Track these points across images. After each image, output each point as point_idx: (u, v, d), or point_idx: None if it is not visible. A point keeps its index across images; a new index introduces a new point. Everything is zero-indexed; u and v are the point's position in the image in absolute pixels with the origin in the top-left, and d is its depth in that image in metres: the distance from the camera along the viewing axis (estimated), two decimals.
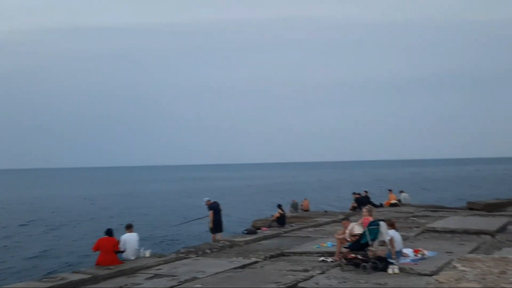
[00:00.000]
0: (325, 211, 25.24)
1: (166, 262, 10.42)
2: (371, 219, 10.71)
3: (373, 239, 8.79)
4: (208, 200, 15.22)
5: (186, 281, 8.51)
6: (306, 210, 24.91)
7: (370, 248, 8.82)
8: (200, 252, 11.59)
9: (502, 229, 14.12)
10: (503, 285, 3.44)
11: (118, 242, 10.42)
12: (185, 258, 10.95)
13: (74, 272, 9.62)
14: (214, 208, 14.91)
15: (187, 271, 9.27)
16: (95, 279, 8.92)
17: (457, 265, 4.05)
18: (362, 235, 8.88)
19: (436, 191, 52.39)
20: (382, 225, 8.89)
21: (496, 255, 4.63)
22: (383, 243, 9.20)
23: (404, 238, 12.98)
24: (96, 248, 10.15)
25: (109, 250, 10.00)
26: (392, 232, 9.27)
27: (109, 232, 10.50)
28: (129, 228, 11.09)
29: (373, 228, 8.79)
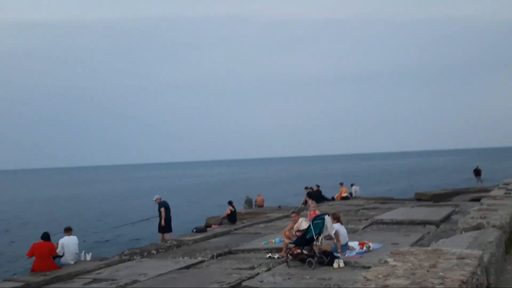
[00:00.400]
0: (279, 206, 25.23)
1: (107, 266, 9.96)
2: (318, 213, 10.68)
3: (318, 234, 8.72)
4: (158, 198, 14.77)
5: (126, 284, 8.12)
6: (261, 206, 24.80)
7: (315, 243, 8.75)
8: (145, 253, 11.17)
9: (446, 219, 14.49)
10: (432, 279, 3.32)
11: (55, 247, 9.85)
12: (129, 260, 10.51)
13: (5, 280, 9.02)
14: (166, 205, 14.49)
15: (129, 274, 8.87)
16: (28, 287, 8.38)
17: (389, 259, 3.93)
18: (307, 230, 8.78)
19: (386, 183, 53.77)
20: (327, 219, 8.83)
21: (431, 246, 4.56)
22: (329, 237, 9.16)
23: (353, 231, 13.10)
24: (31, 254, 9.57)
25: (44, 255, 9.43)
26: (337, 226, 9.22)
27: (45, 236, 9.92)
28: (67, 231, 10.51)
29: (317, 223, 8.71)
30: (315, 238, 8.71)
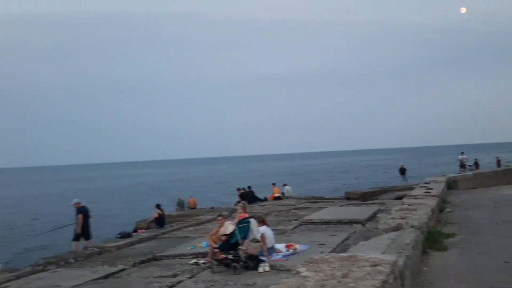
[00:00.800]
0: (212, 208, 24.87)
1: (18, 277, 9.16)
2: (246, 216, 10.47)
3: (244, 238, 8.51)
4: (77, 203, 13.74)
5: None
6: (193, 208, 24.32)
7: (241, 247, 8.53)
8: (62, 263, 10.42)
9: (372, 218, 14.85)
10: None
11: None
12: (42, 270, 9.74)
13: None
14: (84, 211, 13.55)
15: (39, 287, 8.18)
16: None
17: (301, 269, 3.74)
18: (232, 234, 8.54)
19: (319, 182, 55.05)
20: (252, 222, 8.65)
21: (348, 252, 4.45)
22: (255, 241, 8.99)
23: (282, 232, 13.06)
24: None
25: None
26: (263, 229, 9.06)
27: None
28: None
29: (243, 226, 8.50)
30: (240, 242, 8.49)
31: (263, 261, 8.45)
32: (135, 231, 15.74)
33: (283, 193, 24.36)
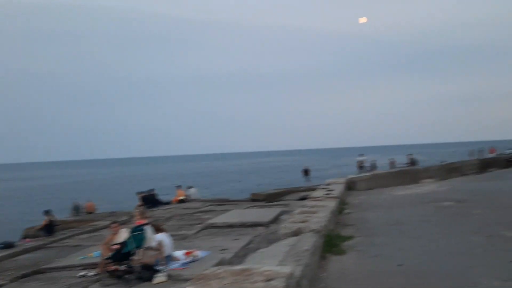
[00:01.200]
0: (112, 212, 23.49)
1: None
2: (144, 222, 9.79)
3: (138, 247, 7.89)
4: None
5: None
6: (90, 212, 22.79)
7: (134, 257, 7.90)
8: None
9: (276, 219, 14.86)
10: None
11: None
12: None
13: None
14: None
15: None
16: None
17: (191, 287, 3.31)
18: (125, 243, 7.88)
19: (226, 183, 54.98)
20: (148, 229, 8.06)
21: (241, 265, 4.11)
22: (151, 249, 8.39)
23: (184, 237, 12.52)
24: None
25: None
26: (160, 236, 8.49)
27: None
28: None
29: (137, 234, 7.88)
30: (134, 251, 7.86)
31: (159, 271, 7.89)
32: (25, 238, 14.23)
33: (188, 196, 23.72)
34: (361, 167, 39.98)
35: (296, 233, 6.80)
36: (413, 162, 36.46)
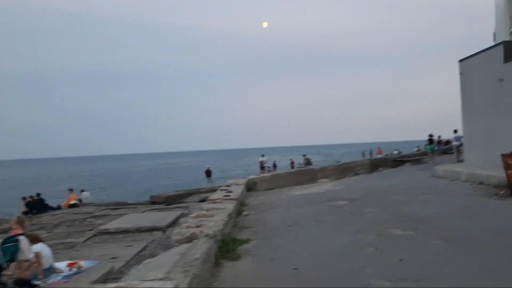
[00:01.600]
0: None
1: None
2: (20, 232, 8.72)
3: (10, 260, 6.94)
4: None
5: None
6: None
7: (6, 272, 6.93)
8: None
9: (174, 223, 14.28)
10: None
11: None
12: None
13: None
14: None
15: None
16: None
17: None
18: None
19: (124, 186, 52.76)
20: (22, 240, 7.13)
21: (115, 284, 3.62)
22: (26, 262, 7.45)
23: (71, 246, 11.45)
24: None
25: None
26: (38, 247, 7.57)
27: None
28: None
29: (8, 246, 6.93)
30: (5, 265, 6.89)
31: (36, 286, 7.01)
32: None
33: (80, 200, 22.13)
34: (263, 167, 40.58)
35: (189, 239, 6.40)
36: (308, 162, 37.84)
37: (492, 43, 17.91)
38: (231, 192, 12.64)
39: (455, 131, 33.35)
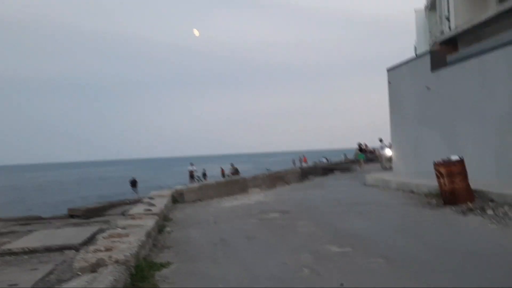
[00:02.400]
0: None
1: None
2: None
3: None
4: None
5: None
6: None
7: None
8: None
9: (90, 240, 12.86)
10: None
11: None
12: None
13: None
14: None
15: None
16: None
17: None
18: None
19: (42, 197, 49.01)
20: None
21: None
22: None
23: None
24: None
25: None
26: None
27: None
28: None
29: None
30: None
31: None
32: None
33: None
34: (192, 176, 39.40)
35: (95, 267, 5.33)
36: (236, 171, 37.30)
37: (414, 56, 18.32)
38: (153, 205, 11.53)
39: (381, 140, 34.37)
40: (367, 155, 35.13)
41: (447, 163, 9.71)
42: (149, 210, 10.42)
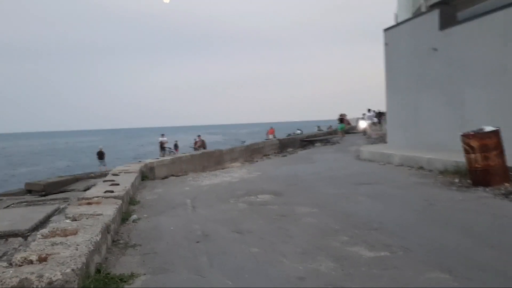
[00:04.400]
0: None
1: None
2: None
3: None
4: None
5: None
6: None
7: None
8: None
9: (42, 224, 10.77)
10: None
11: None
12: None
13: None
14: None
15: None
16: None
17: None
18: None
19: (2, 169, 45.77)
20: None
21: None
22: None
23: None
24: None
25: None
26: None
27: None
28: None
29: None
30: None
31: None
32: None
33: None
34: (163, 148, 37.20)
35: None
36: (202, 143, 35.33)
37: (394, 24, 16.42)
38: (117, 184, 9.50)
39: (369, 110, 32.92)
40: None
41: (481, 135, 7.99)
42: (111, 192, 8.39)
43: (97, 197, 7.94)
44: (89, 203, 7.39)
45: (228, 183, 11.01)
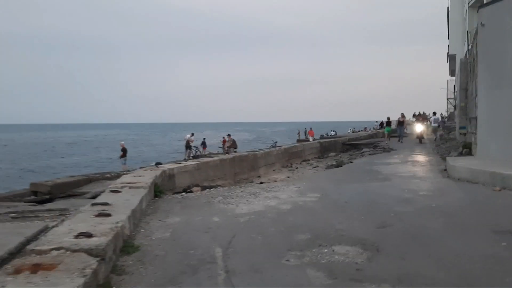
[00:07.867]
0: None
1: None
2: None
3: None
4: None
5: None
6: None
7: None
8: None
9: (15, 253, 7.53)
10: None
11: None
12: None
13: None
14: None
15: None
16: None
17: None
18: None
19: (14, 163, 43.22)
20: None
21: None
22: None
23: None
24: None
25: None
26: None
27: None
28: None
29: None
30: None
31: None
32: None
33: None
34: (189, 146, 34.14)
35: None
36: (233, 144, 31.94)
37: (446, 20, 12.66)
38: (107, 215, 6.07)
39: (434, 113, 29.03)
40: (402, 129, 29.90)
41: None
42: (88, 236, 4.93)
43: (58, 249, 4.50)
44: (34, 269, 3.95)
45: (276, 212, 7.44)
